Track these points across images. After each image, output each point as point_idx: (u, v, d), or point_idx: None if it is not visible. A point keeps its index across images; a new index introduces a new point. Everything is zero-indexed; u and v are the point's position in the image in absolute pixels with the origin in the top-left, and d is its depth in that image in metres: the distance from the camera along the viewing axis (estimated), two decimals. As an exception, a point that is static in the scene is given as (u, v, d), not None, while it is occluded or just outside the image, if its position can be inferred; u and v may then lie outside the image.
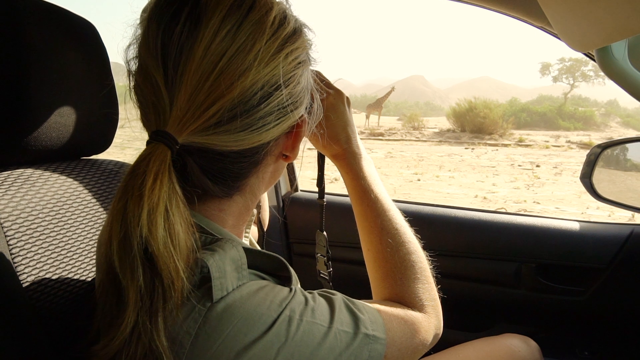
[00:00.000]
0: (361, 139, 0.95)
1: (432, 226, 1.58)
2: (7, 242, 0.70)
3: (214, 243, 0.54)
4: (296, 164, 1.88)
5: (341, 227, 1.58)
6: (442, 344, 1.19)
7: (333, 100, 0.80)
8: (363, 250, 0.80)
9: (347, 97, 0.83)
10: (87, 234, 0.84)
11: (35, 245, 0.74)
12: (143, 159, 0.48)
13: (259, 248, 0.85)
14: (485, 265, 1.52)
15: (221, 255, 0.52)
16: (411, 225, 0.81)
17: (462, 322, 1.55)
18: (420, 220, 1.55)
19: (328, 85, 0.81)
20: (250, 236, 0.84)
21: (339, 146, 0.82)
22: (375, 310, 0.63)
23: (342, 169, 0.83)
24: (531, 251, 1.49)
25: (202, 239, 0.55)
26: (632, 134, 29.24)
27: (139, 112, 0.57)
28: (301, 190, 1.91)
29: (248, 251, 0.56)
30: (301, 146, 0.67)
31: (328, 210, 1.60)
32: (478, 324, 1.54)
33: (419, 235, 0.80)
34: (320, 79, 0.75)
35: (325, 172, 0.98)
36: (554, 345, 1.42)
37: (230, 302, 0.50)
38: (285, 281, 0.59)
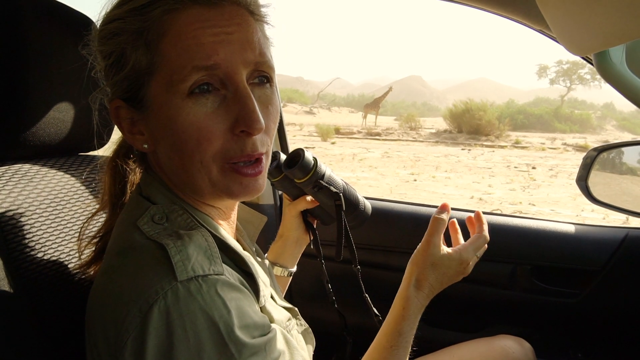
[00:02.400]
0: (358, 138, 0.96)
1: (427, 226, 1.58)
2: (5, 237, 0.70)
3: (191, 230, 0.59)
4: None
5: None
6: (436, 344, 1.20)
7: (464, 269, 0.89)
8: None
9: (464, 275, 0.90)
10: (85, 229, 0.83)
11: (33, 240, 0.74)
12: None
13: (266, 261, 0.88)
14: (481, 266, 1.51)
15: (184, 241, 0.55)
16: (407, 225, 0.82)
17: (456, 323, 1.56)
18: (416, 221, 1.55)
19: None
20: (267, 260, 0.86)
21: (424, 282, 0.85)
22: None
23: (402, 300, 0.85)
24: (526, 253, 1.49)
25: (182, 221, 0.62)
26: (627, 137, 29.41)
27: None
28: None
29: (221, 242, 0.61)
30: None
31: None
32: (472, 324, 1.55)
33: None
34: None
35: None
36: (547, 347, 1.42)
37: (194, 291, 0.52)
38: (249, 278, 0.63)
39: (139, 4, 0.59)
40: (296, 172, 0.92)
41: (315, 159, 0.94)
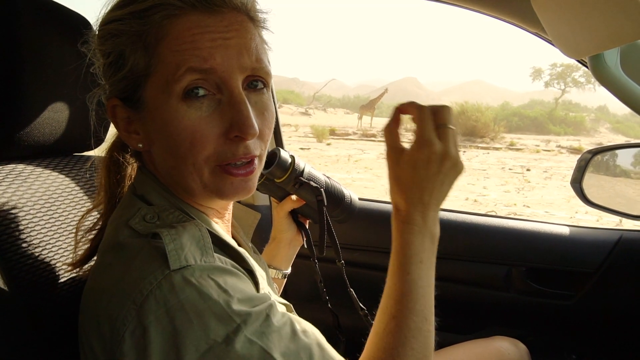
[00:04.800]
0: (353, 139, 0.95)
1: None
2: (-1, 238, 0.70)
3: (184, 222, 0.60)
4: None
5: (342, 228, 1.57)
6: (432, 345, 1.20)
7: (429, 153, 0.64)
8: (376, 319, 0.68)
9: (462, 168, 0.67)
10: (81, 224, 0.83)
11: (27, 241, 0.73)
12: None
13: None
14: (476, 268, 1.53)
15: (178, 231, 0.56)
16: None
17: (452, 324, 1.56)
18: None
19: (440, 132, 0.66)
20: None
21: (404, 204, 0.67)
22: None
23: (393, 230, 0.69)
24: (521, 255, 1.50)
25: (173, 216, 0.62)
26: (621, 139, 29.60)
27: None
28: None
29: (216, 239, 0.61)
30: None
31: None
32: (468, 326, 1.55)
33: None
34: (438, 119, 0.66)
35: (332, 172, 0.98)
36: (542, 348, 1.43)
37: (188, 276, 0.52)
38: (247, 273, 0.62)
39: (140, 7, 0.59)
40: (274, 171, 0.91)
41: (292, 156, 0.94)
